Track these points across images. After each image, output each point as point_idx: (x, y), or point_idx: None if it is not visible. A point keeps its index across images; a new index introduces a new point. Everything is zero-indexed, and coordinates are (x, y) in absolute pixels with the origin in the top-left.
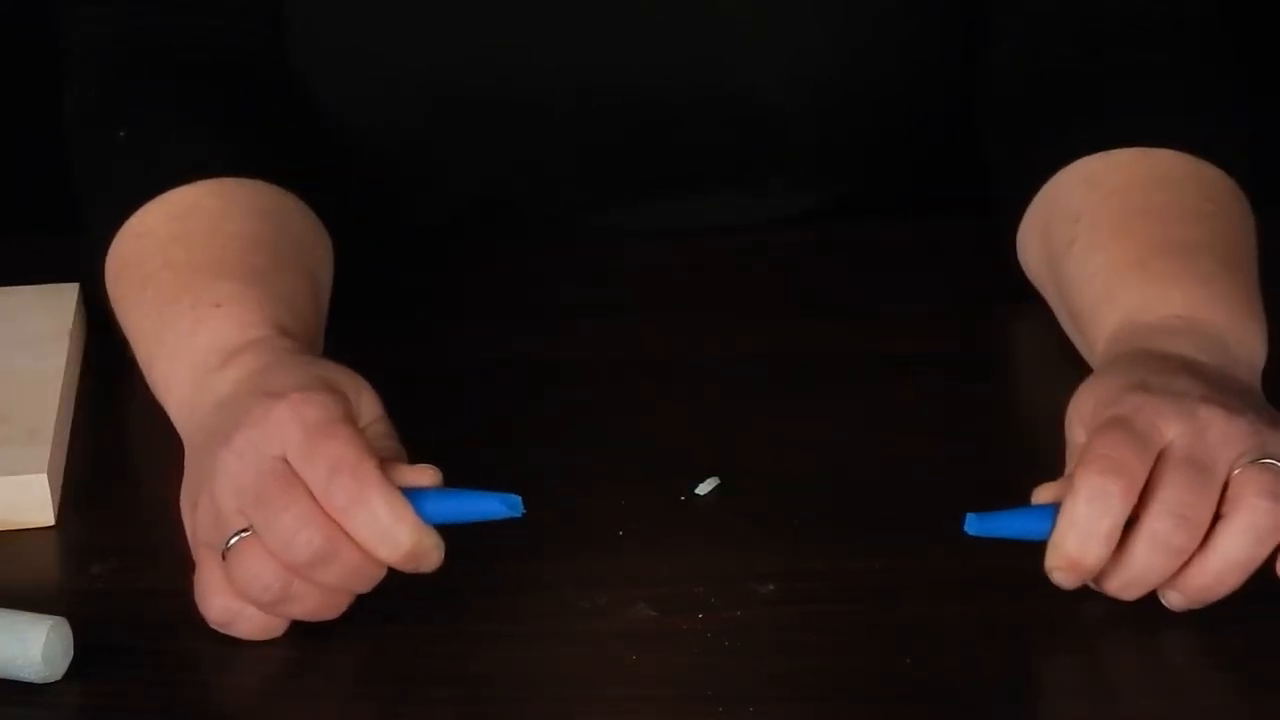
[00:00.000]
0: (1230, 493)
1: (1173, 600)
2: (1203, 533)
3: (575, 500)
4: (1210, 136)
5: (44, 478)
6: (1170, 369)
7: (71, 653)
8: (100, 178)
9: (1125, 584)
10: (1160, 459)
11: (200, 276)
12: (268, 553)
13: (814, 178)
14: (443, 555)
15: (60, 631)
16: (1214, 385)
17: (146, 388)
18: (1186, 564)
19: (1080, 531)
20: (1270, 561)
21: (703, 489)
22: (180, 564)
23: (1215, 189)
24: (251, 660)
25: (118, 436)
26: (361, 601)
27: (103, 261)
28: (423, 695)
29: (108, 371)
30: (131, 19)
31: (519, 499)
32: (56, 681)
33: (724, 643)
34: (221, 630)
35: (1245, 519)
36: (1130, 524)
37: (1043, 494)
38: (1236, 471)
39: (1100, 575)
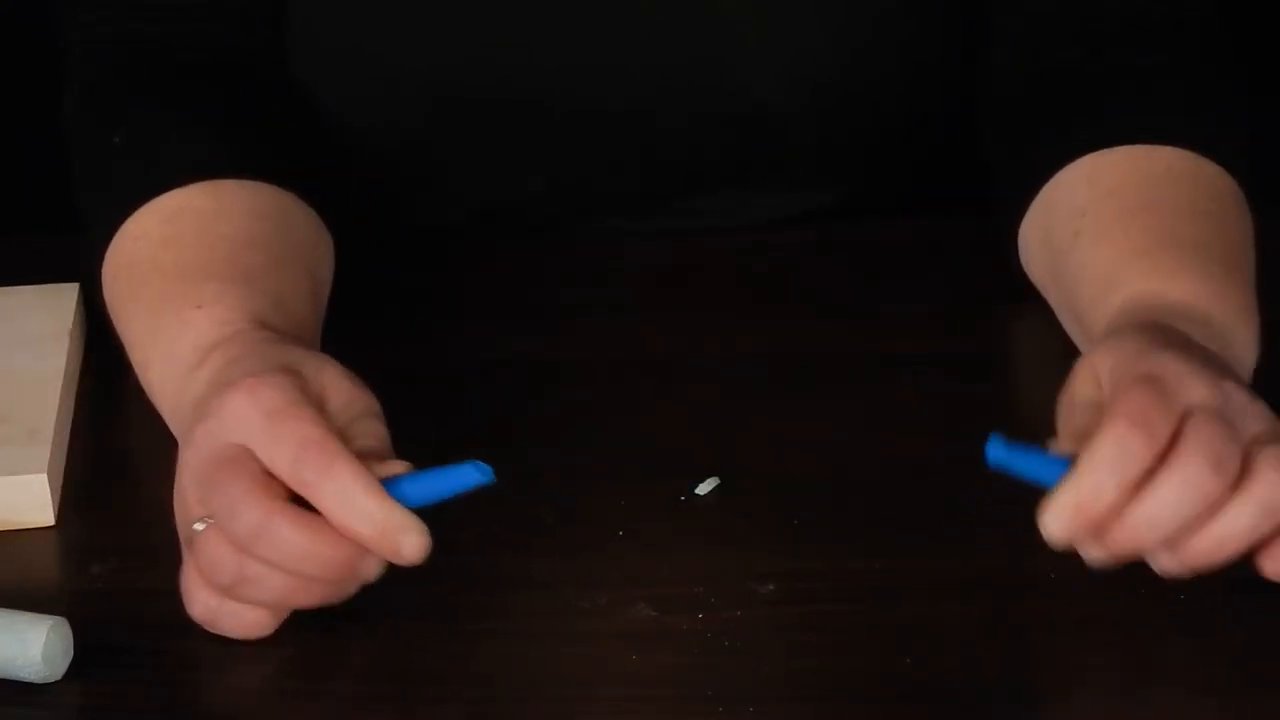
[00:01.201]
0: (1245, 464)
1: (1166, 564)
2: (1230, 485)
3: (575, 500)
4: (1210, 136)
5: (44, 478)
6: (1187, 342)
7: (71, 653)
8: (99, 178)
9: (1146, 522)
10: (1186, 418)
11: (186, 280)
12: (225, 538)
13: (814, 178)
14: (426, 541)
15: (60, 631)
16: (1226, 369)
17: None
18: (1190, 528)
19: (1097, 476)
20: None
21: (703, 489)
22: (180, 564)
23: (1215, 188)
24: (251, 660)
25: (118, 436)
26: (362, 601)
27: (101, 264)
28: (423, 695)
29: (108, 371)
30: (131, 20)
31: (487, 465)
32: (56, 681)
33: (724, 643)
34: (208, 629)
35: (1258, 491)
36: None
37: (1062, 445)
38: (1254, 448)
39: (1119, 517)
